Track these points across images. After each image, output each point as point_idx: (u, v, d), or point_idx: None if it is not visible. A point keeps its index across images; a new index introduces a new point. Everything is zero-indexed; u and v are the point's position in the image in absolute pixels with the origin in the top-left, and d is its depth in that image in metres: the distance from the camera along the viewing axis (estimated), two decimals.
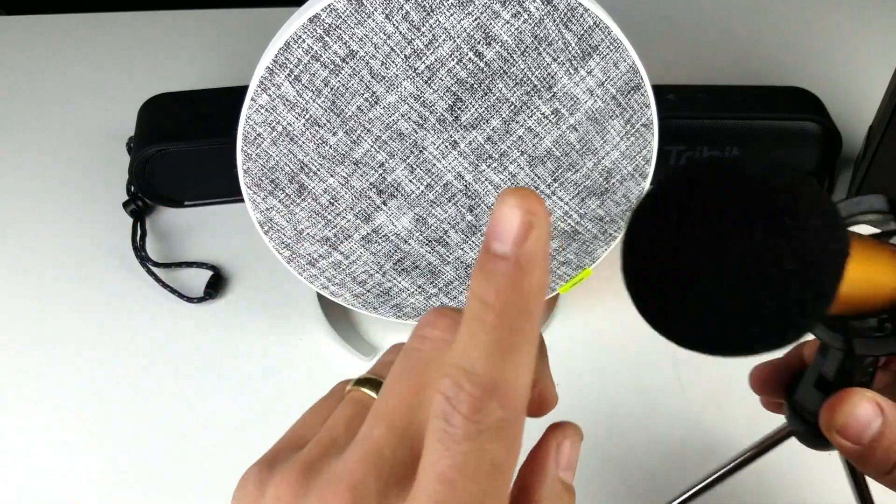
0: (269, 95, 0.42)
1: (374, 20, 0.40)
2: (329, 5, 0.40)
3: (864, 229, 0.28)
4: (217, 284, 0.59)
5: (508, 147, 0.45)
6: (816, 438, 0.30)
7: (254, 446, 0.52)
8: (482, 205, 0.47)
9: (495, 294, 0.17)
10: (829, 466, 0.35)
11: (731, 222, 0.19)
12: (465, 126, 0.44)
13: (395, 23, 0.40)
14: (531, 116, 0.45)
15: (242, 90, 0.43)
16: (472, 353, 0.18)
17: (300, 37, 0.40)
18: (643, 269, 0.21)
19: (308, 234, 0.47)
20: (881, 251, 0.25)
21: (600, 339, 0.56)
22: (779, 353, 0.33)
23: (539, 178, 0.47)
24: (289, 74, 0.42)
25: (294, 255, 0.48)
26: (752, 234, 0.19)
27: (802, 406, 0.31)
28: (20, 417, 0.51)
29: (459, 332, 0.18)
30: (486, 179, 0.46)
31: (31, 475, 0.48)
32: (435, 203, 0.47)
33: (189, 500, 0.47)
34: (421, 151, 0.45)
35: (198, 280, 0.60)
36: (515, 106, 0.44)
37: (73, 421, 0.50)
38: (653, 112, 0.46)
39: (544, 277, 0.18)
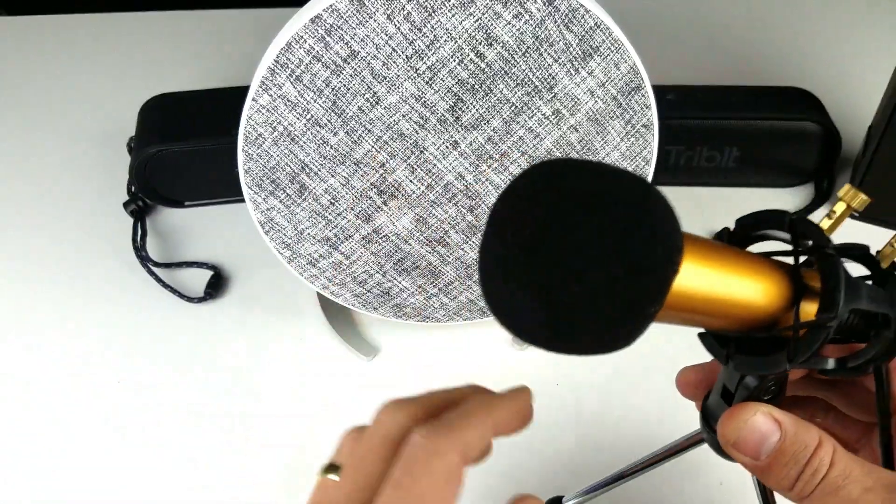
0: (271, 95, 0.42)
1: (375, 21, 0.40)
2: (331, 6, 0.40)
3: (772, 246, 0.27)
4: (217, 284, 0.59)
5: (509, 147, 0.45)
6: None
7: (253, 446, 0.52)
8: (482, 205, 0.47)
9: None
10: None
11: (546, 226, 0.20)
12: (465, 126, 0.44)
13: (396, 23, 0.40)
14: (532, 117, 0.45)
15: (243, 90, 0.43)
16: None
17: (302, 37, 0.41)
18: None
19: (309, 234, 0.47)
20: (756, 268, 0.25)
21: None
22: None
23: None
24: (290, 75, 0.42)
25: (295, 255, 0.48)
26: (567, 240, 0.20)
27: (711, 414, 0.30)
28: (20, 417, 0.51)
29: None
30: (486, 180, 0.47)
31: (30, 474, 0.48)
32: (435, 203, 0.47)
33: (188, 499, 0.47)
34: (422, 152, 0.45)
35: (198, 280, 0.60)
36: (516, 106, 0.44)
37: (73, 420, 0.51)
38: (653, 113, 0.46)
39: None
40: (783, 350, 0.25)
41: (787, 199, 0.66)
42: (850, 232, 0.63)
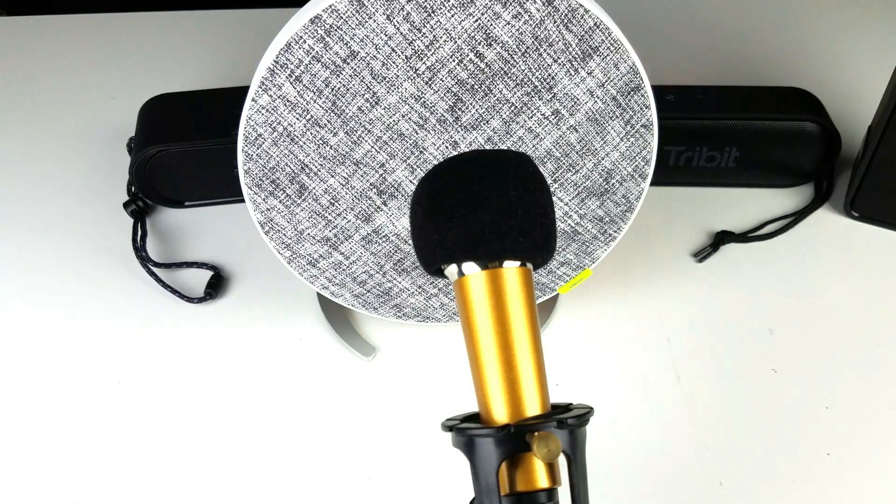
0: (271, 96, 0.42)
1: (375, 21, 0.40)
2: (330, 6, 0.40)
3: None
4: (217, 285, 0.59)
5: (509, 148, 0.45)
6: None
7: (253, 446, 0.52)
8: None
9: None
10: None
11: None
12: (465, 127, 0.44)
13: (396, 24, 0.40)
14: (531, 117, 0.45)
15: (243, 91, 0.43)
16: None
17: (301, 37, 0.41)
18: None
19: (308, 234, 0.48)
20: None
21: (600, 340, 0.56)
22: None
23: None
24: (290, 75, 0.42)
25: (294, 256, 0.48)
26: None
27: None
28: (19, 417, 0.51)
29: None
30: None
31: (29, 475, 0.48)
32: None
33: (188, 500, 0.47)
34: (422, 152, 0.45)
35: (198, 280, 0.60)
36: (516, 107, 0.44)
37: (73, 421, 0.51)
38: (653, 113, 0.46)
39: None
40: None
41: (786, 199, 0.66)
42: (851, 232, 0.64)
